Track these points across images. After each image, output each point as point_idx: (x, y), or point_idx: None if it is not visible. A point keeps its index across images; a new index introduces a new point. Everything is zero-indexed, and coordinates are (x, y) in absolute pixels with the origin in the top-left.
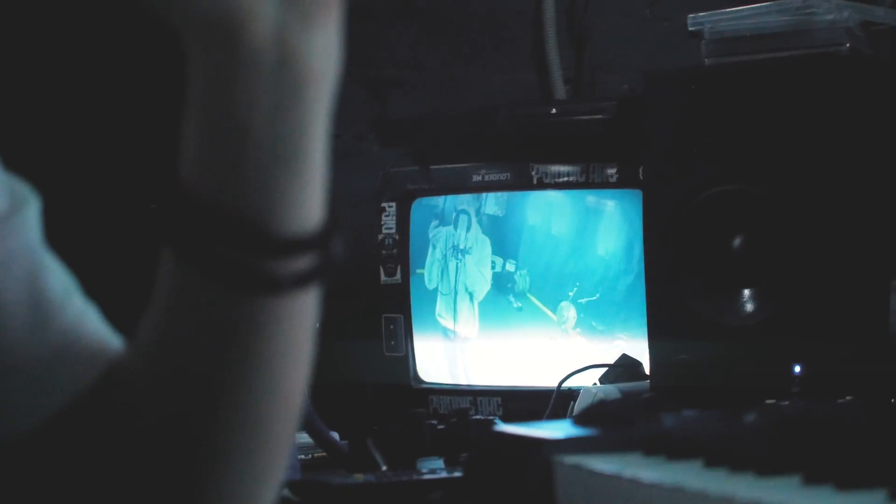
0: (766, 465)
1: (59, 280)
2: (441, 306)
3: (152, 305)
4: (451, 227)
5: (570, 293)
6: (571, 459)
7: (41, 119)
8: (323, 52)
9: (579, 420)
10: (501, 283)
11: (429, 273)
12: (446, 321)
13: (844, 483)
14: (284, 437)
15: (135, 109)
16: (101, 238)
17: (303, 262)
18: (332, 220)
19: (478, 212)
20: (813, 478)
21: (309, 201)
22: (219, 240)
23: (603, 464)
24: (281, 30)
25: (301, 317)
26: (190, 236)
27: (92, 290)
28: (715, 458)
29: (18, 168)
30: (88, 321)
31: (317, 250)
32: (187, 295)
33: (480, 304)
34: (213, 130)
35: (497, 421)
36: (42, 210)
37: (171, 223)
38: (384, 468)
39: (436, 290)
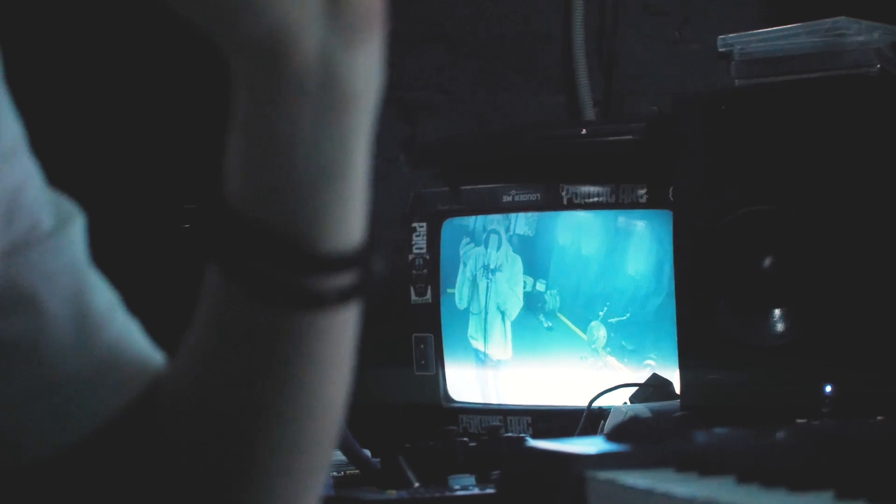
0: (798, 480)
1: (103, 296)
2: (472, 327)
3: (196, 321)
4: (481, 247)
5: (601, 313)
6: (604, 475)
7: (85, 137)
8: (365, 73)
9: (612, 436)
10: (532, 303)
11: (459, 293)
12: (477, 341)
13: (877, 499)
14: (324, 452)
15: (179, 124)
16: (144, 255)
17: (344, 279)
18: (372, 236)
19: (507, 232)
20: (845, 494)
21: (350, 219)
22: (262, 256)
23: (636, 479)
24: (325, 50)
25: (342, 332)
26: (234, 252)
27: (134, 306)
28: (747, 473)
29: (63, 185)
30: (131, 337)
31: (358, 267)
32: (231, 310)
33: (512, 323)
34: (257, 149)
35: (527, 438)
36: (87, 226)
37: (215, 239)
38: (416, 485)
39: (466, 309)
